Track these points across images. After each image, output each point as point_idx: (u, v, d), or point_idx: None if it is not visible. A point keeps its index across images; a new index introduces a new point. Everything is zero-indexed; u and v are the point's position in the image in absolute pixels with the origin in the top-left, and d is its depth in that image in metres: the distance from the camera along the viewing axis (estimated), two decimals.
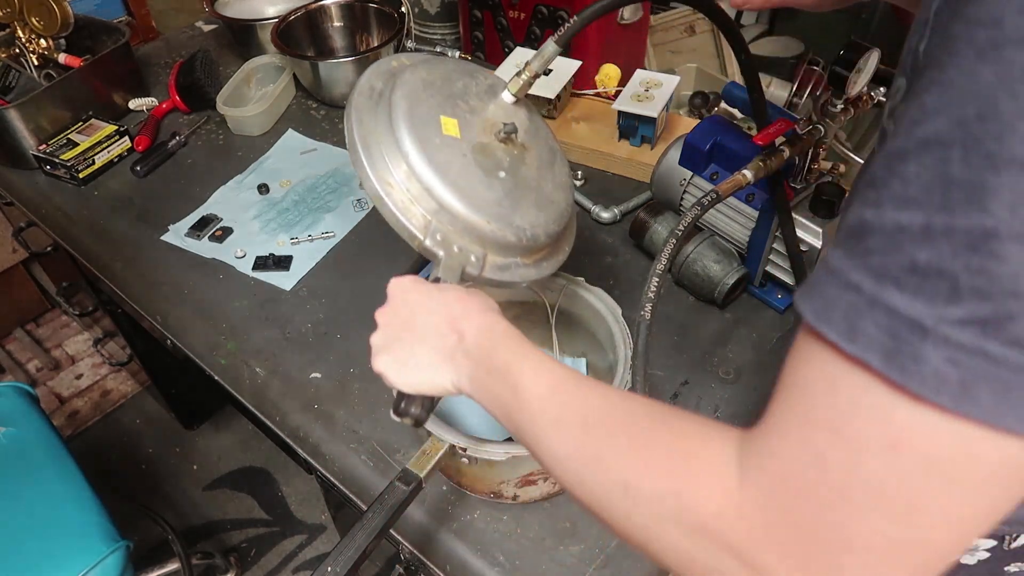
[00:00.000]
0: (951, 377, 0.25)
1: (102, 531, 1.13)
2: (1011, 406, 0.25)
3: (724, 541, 0.32)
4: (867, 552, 0.29)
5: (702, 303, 0.95)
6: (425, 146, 0.63)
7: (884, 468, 0.28)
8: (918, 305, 0.25)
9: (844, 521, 0.29)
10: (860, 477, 0.28)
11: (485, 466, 0.70)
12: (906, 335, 0.26)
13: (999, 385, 0.25)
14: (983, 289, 0.24)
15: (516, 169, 0.68)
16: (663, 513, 0.34)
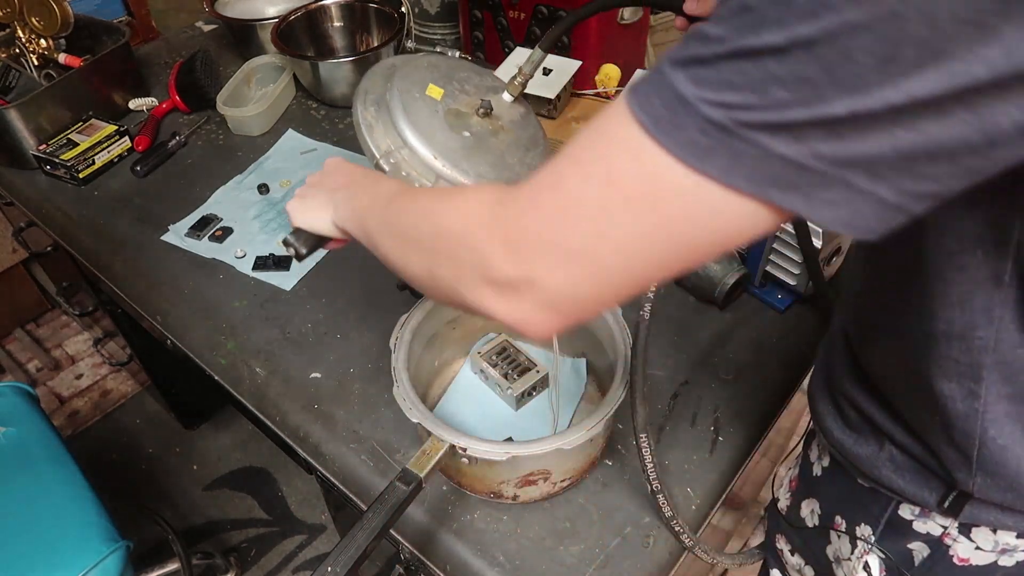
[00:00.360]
0: (701, 143, 0.33)
1: (102, 531, 1.13)
2: (740, 170, 0.33)
3: (474, 226, 0.42)
4: (562, 255, 0.38)
5: (702, 303, 0.95)
6: (404, 96, 0.78)
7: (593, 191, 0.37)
8: (690, 87, 0.32)
9: (551, 227, 0.38)
10: (566, 192, 0.38)
11: (485, 466, 0.70)
12: (680, 107, 0.33)
13: (732, 153, 0.32)
14: (736, 83, 0.31)
15: (484, 136, 0.80)
16: (441, 225, 0.45)
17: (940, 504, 0.57)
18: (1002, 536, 0.56)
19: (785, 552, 0.80)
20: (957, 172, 0.31)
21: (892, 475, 0.59)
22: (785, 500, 0.78)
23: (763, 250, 0.90)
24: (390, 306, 0.96)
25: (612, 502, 0.76)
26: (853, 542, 0.66)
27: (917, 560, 0.62)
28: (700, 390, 0.86)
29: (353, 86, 1.29)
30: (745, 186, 0.33)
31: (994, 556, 0.58)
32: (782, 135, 0.31)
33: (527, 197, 0.39)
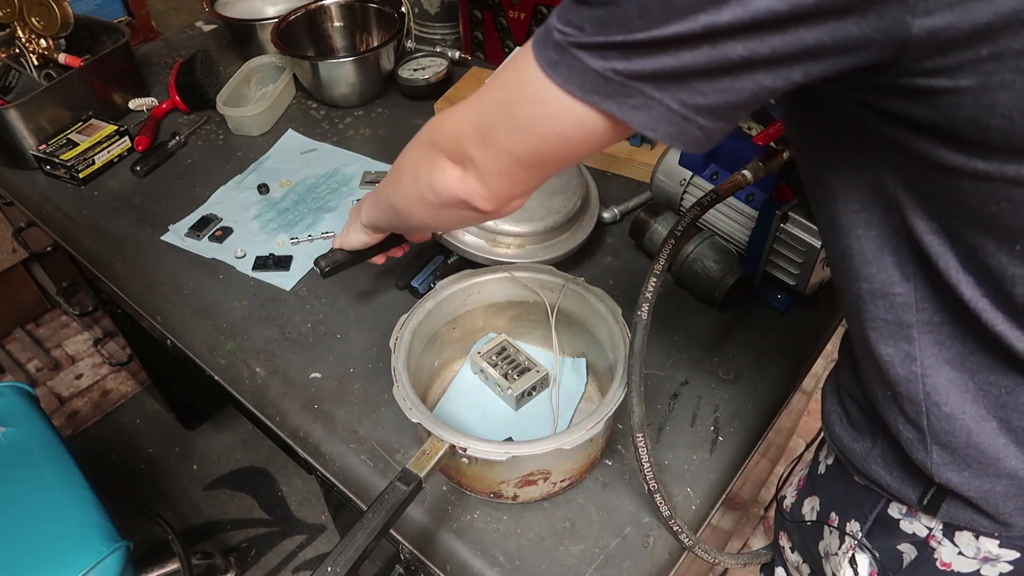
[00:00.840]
0: (553, 57, 0.44)
1: (102, 531, 1.13)
2: (574, 81, 0.44)
3: (425, 136, 0.58)
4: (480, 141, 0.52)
5: (702, 303, 0.95)
6: None
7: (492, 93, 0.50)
8: (556, 23, 0.44)
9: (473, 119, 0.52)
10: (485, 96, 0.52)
11: (485, 466, 0.70)
12: (547, 35, 0.45)
13: (566, 66, 0.44)
14: (570, 19, 0.43)
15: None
16: (406, 157, 0.62)
17: (921, 501, 0.59)
18: (984, 543, 0.58)
19: (786, 549, 0.81)
20: (717, 88, 0.41)
21: (881, 471, 0.61)
22: (791, 498, 0.79)
23: (763, 250, 0.90)
24: (390, 306, 0.96)
25: (612, 502, 0.76)
26: (842, 538, 0.67)
27: (905, 562, 0.62)
28: (700, 390, 0.86)
29: (353, 86, 1.29)
30: (578, 92, 0.44)
31: (977, 564, 0.59)
32: (594, 54, 0.42)
33: (460, 104, 0.54)
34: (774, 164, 0.77)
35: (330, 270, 0.85)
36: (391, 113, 1.32)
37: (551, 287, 0.83)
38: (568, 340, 0.87)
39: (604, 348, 0.80)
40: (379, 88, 1.34)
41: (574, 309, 0.83)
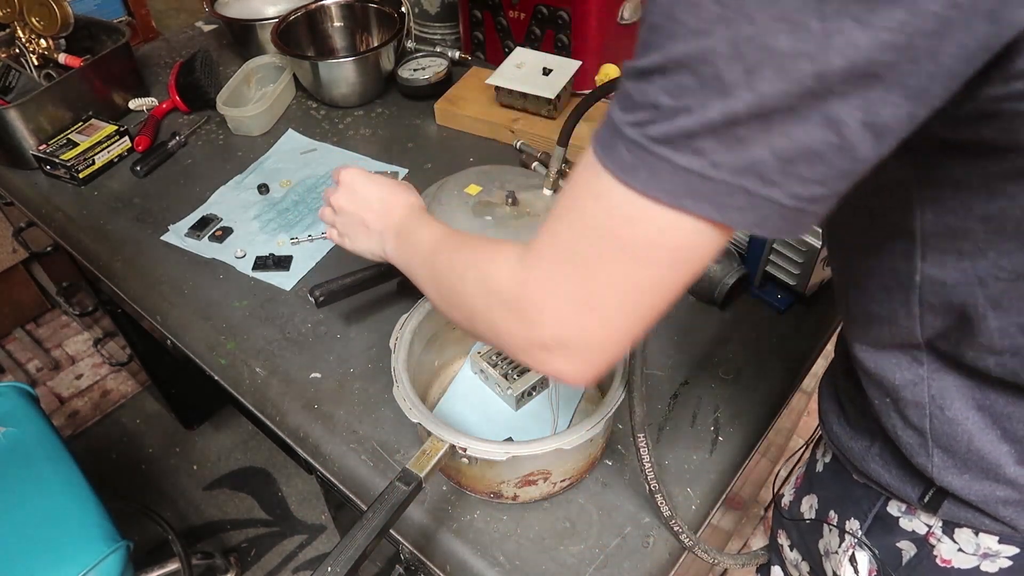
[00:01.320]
0: (627, 160, 0.37)
1: (102, 531, 1.13)
2: (658, 184, 0.37)
3: (504, 298, 0.46)
4: (560, 299, 0.42)
5: (702, 303, 0.95)
6: (445, 195, 0.96)
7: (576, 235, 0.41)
8: (618, 113, 0.37)
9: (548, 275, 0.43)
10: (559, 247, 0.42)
11: (485, 466, 0.70)
12: (613, 132, 0.38)
13: (649, 167, 0.36)
14: (641, 102, 0.36)
15: (505, 219, 0.92)
16: (477, 292, 0.50)
17: (921, 499, 0.59)
18: (984, 539, 0.58)
19: (785, 548, 0.81)
20: (834, 175, 0.35)
21: (880, 470, 0.61)
22: (789, 496, 0.79)
23: (763, 250, 0.90)
24: (390, 306, 0.96)
25: (612, 502, 0.76)
26: (842, 536, 0.67)
27: (905, 559, 0.63)
28: (700, 390, 0.86)
29: (353, 86, 1.29)
30: (665, 198, 0.37)
31: (977, 560, 0.59)
32: (682, 148, 0.35)
33: (536, 256, 0.44)
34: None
35: (324, 300, 0.87)
36: (391, 113, 1.32)
37: None
38: None
39: None
40: (379, 88, 1.34)
41: None
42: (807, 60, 0.32)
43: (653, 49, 0.35)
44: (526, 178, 1.03)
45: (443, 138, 1.26)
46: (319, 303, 0.87)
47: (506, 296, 0.46)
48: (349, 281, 0.89)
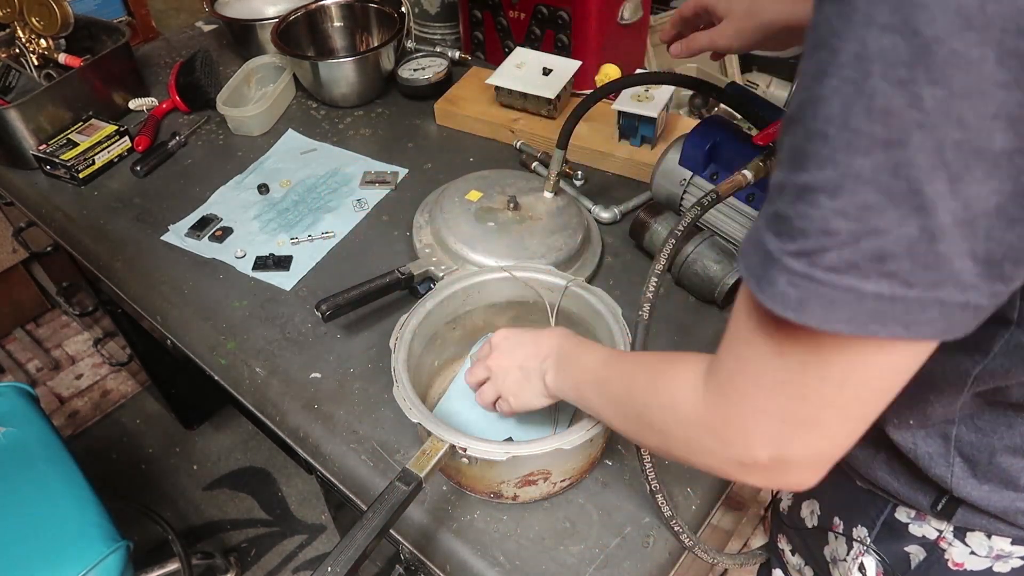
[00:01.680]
0: (792, 295, 0.33)
1: (102, 531, 1.13)
2: (836, 314, 0.33)
3: (702, 424, 0.43)
4: (774, 423, 0.39)
5: (702, 303, 0.95)
6: (446, 202, 1.00)
7: (772, 367, 0.38)
8: (773, 241, 0.33)
9: (753, 404, 0.40)
10: (756, 376, 0.39)
11: (485, 466, 0.70)
12: (767, 263, 0.34)
13: (825, 300, 0.32)
14: (807, 229, 0.32)
15: (508, 225, 0.96)
16: (666, 418, 0.47)
17: (933, 507, 0.58)
18: (997, 542, 0.57)
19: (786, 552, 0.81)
20: None
21: (887, 477, 0.60)
22: (787, 500, 0.79)
23: None
24: (390, 306, 0.96)
25: (612, 502, 0.76)
26: (849, 543, 0.67)
27: (913, 563, 0.62)
28: None
29: (353, 86, 1.29)
30: (847, 329, 0.33)
31: (989, 562, 0.58)
32: (870, 273, 0.31)
33: (727, 383, 0.41)
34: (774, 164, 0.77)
35: (331, 314, 0.87)
36: (391, 113, 1.32)
37: (551, 287, 0.83)
38: None
39: None
40: (379, 88, 1.34)
41: (574, 309, 0.83)
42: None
43: (819, 163, 0.31)
44: (526, 181, 1.03)
45: (443, 138, 1.26)
46: (326, 317, 0.87)
47: (704, 423, 0.43)
48: (355, 294, 0.89)
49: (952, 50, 0.27)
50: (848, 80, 0.29)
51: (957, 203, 0.29)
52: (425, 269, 0.94)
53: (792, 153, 0.32)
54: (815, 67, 0.31)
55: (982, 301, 0.32)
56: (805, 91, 0.31)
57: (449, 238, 0.95)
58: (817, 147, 0.31)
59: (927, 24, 0.27)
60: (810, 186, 0.31)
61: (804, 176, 0.32)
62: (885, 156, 0.29)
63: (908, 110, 0.28)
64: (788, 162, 0.33)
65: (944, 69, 0.27)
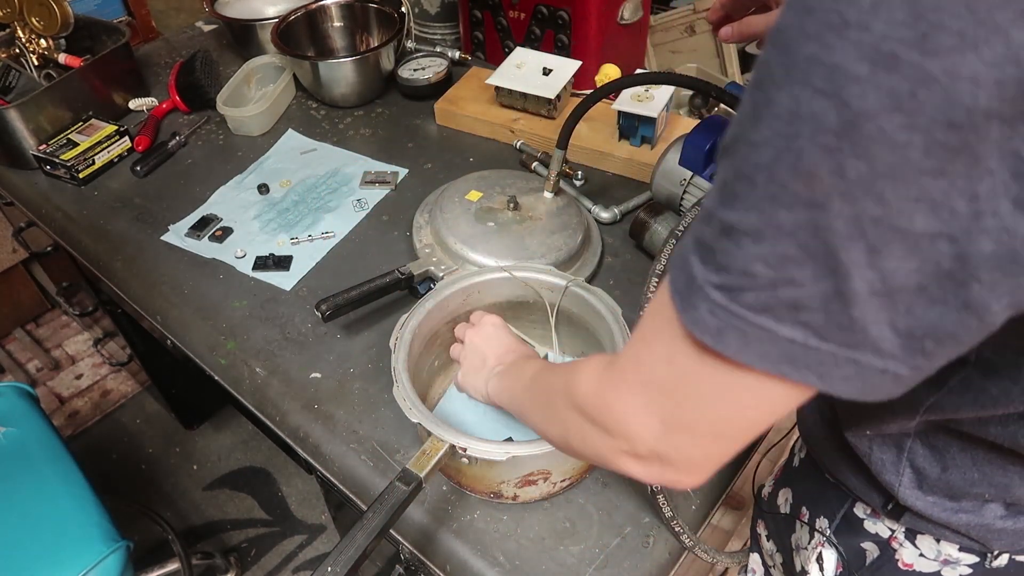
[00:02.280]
0: (711, 323, 0.34)
1: (102, 531, 1.13)
2: (750, 349, 0.33)
3: (589, 408, 0.44)
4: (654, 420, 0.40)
5: None
6: (446, 202, 1.00)
7: (663, 369, 0.39)
8: (698, 267, 0.34)
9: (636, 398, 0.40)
10: (647, 374, 0.40)
11: (485, 466, 0.70)
12: (691, 286, 0.34)
13: (741, 334, 0.33)
14: (727, 266, 0.32)
15: (507, 225, 0.96)
16: (564, 404, 0.48)
17: (884, 507, 0.60)
18: (945, 547, 0.59)
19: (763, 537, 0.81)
20: (965, 344, 0.32)
21: (847, 472, 0.62)
22: (768, 487, 0.79)
23: None
24: (390, 306, 0.96)
25: (612, 502, 0.76)
26: (812, 533, 0.68)
27: (868, 559, 0.64)
28: None
29: (353, 86, 1.29)
30: (758, 364, 0.33)
31: (937, 566, 0.60)
32: (785, 320, 0.32)
33: (619, 376, 0.42)
34: None
35: (331, 313, 0.87)
36: (391, 113, 1.32)
37: (551, 287, 0.83)
38: (568, 340, 0.87)
39: (604, 348, 0.80)
40: (379, 88, 1.34)
41: (574, 309, 0.83)
42: (947, 242, 0.28)
43: (745, 207, 0.31)
44: (526, 181, 1.03)
45: (443, 138, 1.26)
46: (325, 317, 0.87)
47: (591, 408, 0.44)
48: (355, 294, 0.89)
49: (879, 128, 0.27)
50: (780, 134, 0.29)
51: (874, 274, 0.30)
52: (425, 269, 0.94)
53: (723, 187, 0.33)
54: (752, 107, 0.31)
55: (902, 371, 0.32)
56: (740, 127, 0.31)
57: (449, 238, 0.95)
58: (745, 190, 0.31)
59: (858, 98, 0.27)
60: (735, 227, 0.32)
61: (731, 215, 0.32)
62: (806, 215, 0.30)
63: (831, 177, 0.28)
64: (719, 194, 0.33)
65: (869, 145, 0.27)
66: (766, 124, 0.30)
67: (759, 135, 0.30)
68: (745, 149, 0.31)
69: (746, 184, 0.31)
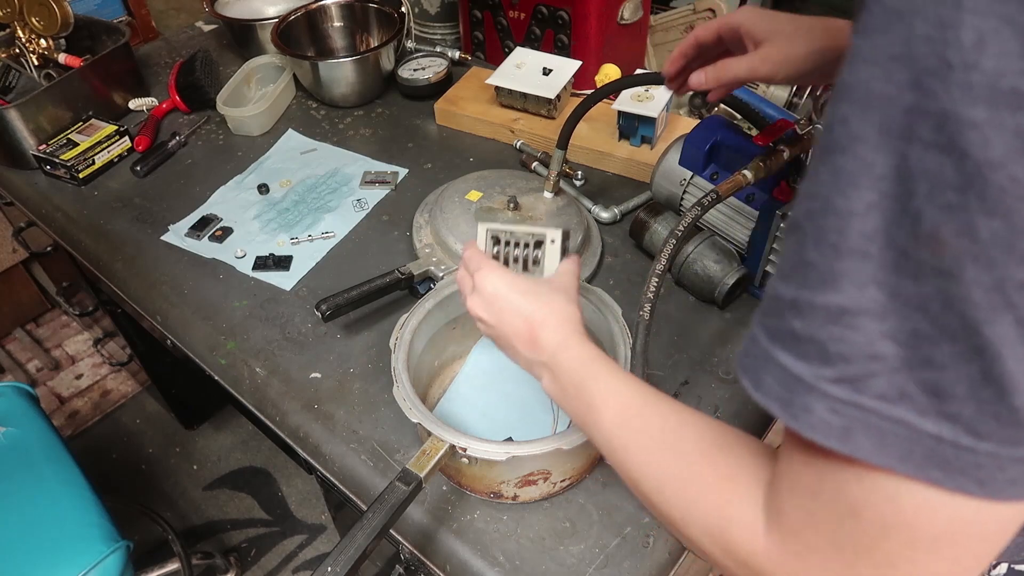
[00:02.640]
0: (835, 423, 0.29)
1: (102, 531, 1.13)
2: (888, 448, 0.28)
3: (749, 565, 0.37)
4: None
5: (702, 303, 0.95)
6: (445, 202, 1.00)
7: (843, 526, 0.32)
8: (800, 365, 0.30)
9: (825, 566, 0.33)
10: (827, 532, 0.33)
11: (485, 466, 0.70)
12: (795, 388, 0.30)
13: (875, 431, 0.28)
14: (847, 354, 0.28)
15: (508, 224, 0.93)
16: (711, 543, 0.40)
17: None
18: None
19: None
20: None
21: None
22: None
23: (763, 250, 0.90)
24: (390, 306, 0.96)
25: (612, 502, 0.76)
26: None
27: None
28: (700, 390, 0.86)
29: (353, 86, 1.29)
30: (900, 466, 0.28)
31: None
32: (927, 412, 0.27)
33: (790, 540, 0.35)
34: (774, 164, 0.77)
35: (331, 313, 0.87)
36: (391, 113, 1.32)
37: None
38: None
39: (604, 348, 0.80)
40: (379, 88, 1.34)
41: None
42: None
43: (858, 283, 0.27)
44: (526, 181, 1.03)
45: (443, 138, 1.26)
46: (325, 317, 0.87)
47: (752, 565, 0.37)
48: (355, 294, 0.89)
49: (1011, 177, 0.23)
50: (889, 196, 0.26)
51: None
52: (425, 269, 0.94)
53: (808, 269, 0.29)
54: (832, 175, 0.27)
55: None
56: (819, 200, 0.28)
57: (449, 238, 0.95)
58: (854, 265, 0.27)
59: (979, 146, 0.23)
60: (847, 308, 0.28)
61: (836, 297, 0.28)
62: (934, 285, 0.26)
63: (959, 240, 0.25)
64: (803, 278, 0.29)
65: (1002, 199, 0.24)
66: (867, 187, 0.26)
67: (859, 201, 0.26)
68: (837, 220, 0.27)
69: (855, 259, 0.27)
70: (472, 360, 0.88)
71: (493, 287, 0.60)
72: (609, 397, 0.50)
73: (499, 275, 0.61)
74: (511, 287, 0.59)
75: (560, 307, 0.58)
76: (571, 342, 0.55)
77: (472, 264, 0.63)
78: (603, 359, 0.54)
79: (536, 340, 0.56)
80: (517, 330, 0.58)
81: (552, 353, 0.55)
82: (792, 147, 0.79)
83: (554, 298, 0.59)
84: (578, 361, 0.54)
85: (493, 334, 0.61)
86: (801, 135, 0.80)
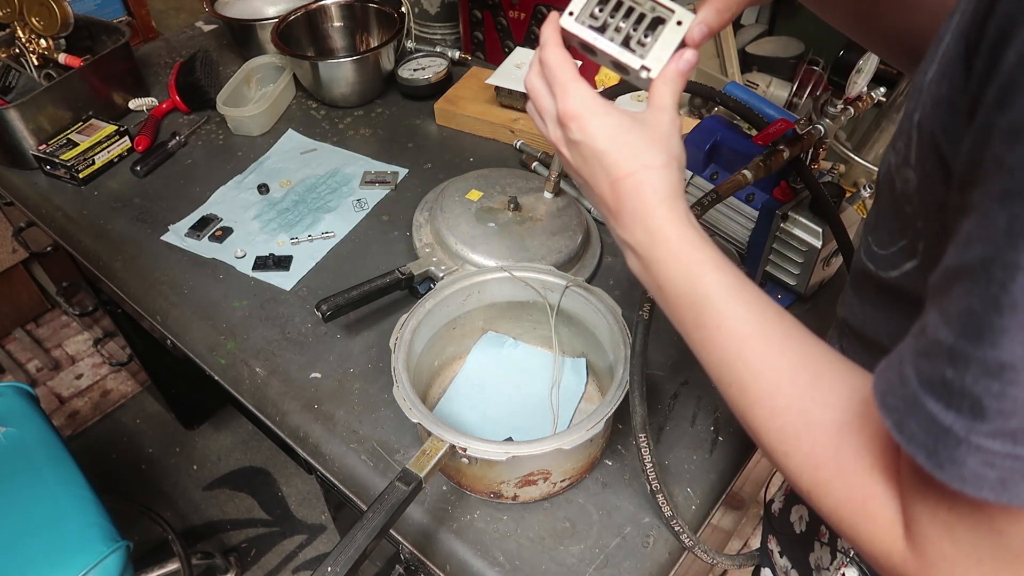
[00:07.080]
0: (990, 475, 0.28)
1: (102, 531, 1.13)
2: None
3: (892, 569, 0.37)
4: None
5: None
6: (446, 201, 0.99)
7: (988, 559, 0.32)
8: (950, 416, 0.29)
9: None
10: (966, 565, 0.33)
11: (485, 466, 0.70)
12: (943, 439, 0.29)
13: None
14: (1007, 410, 0.27)
15: (508, 225, 0.96)
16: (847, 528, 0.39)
17: None
18: None
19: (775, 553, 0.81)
20: None
21: None
22: (779, 503, 0.79)
23: (763, 250, 0.90)
24: (390, 306, 0.96)
25: (612, 502, 0.76)
26: (833, 553, 0.67)
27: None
28: (700, 390, 0.86)
29: (353, 86, 1.29)
30: None
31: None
32: None
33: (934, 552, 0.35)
34: (774, 164, 0.77)
35: (331, 313, 0.87)
36: (391, 113, 1.32)
37: (551, 287, 0.83)
38: (568, 340, 0.87)
39: (604, 348, 0.80)
40: (379, 88, 1.34)
41: (574, 309, 0.83)
42: None
43: (1015, 339, 0.27)
44: (526, 181, 1.03)
45: (443, 138, 1.26)
46: (326, 317, 0.87)
47: (886, 567, 0.38)
48: (355, 294, 0.89)
49: None
50: None
51: None
52: (425, 269, 0.94)
53: (973, 320, 0.28)
54: (1009, 222, 0.26)
55: None
56: (991, 247, 0.27)
57: (449, 238, 0.95)
58: (1011, 322, 0.26)
59: None
60: (1011, 364, 0.27)
61: (998, 353, 0.27)
62: None
63: None
64: (963, 327, 0.28)
65: None
66: None
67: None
68: (1003, 273, 0.26)
69: (1017, 314, 0.26)
70: (472, 360, 0.88)
71: (580, 128, 0.46)
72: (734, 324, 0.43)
73: (590, 106, 0.46)
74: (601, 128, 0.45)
75: (659, 163, 0.45)
76: (668, 231, 0.45)
77: (556, 74, 0.47)
78: (714, 264, 0.44)
79: (617, 198, 0.45)
80: (602, 194, 0.47)
81: (641, 242, 0.46)
82: (792, 147, 0.79)
83: (650, 152, 0.46)
84: (681, 266, 0.45)
85: (578, 182, 0.51)
86: (801, 135, 0.80)
